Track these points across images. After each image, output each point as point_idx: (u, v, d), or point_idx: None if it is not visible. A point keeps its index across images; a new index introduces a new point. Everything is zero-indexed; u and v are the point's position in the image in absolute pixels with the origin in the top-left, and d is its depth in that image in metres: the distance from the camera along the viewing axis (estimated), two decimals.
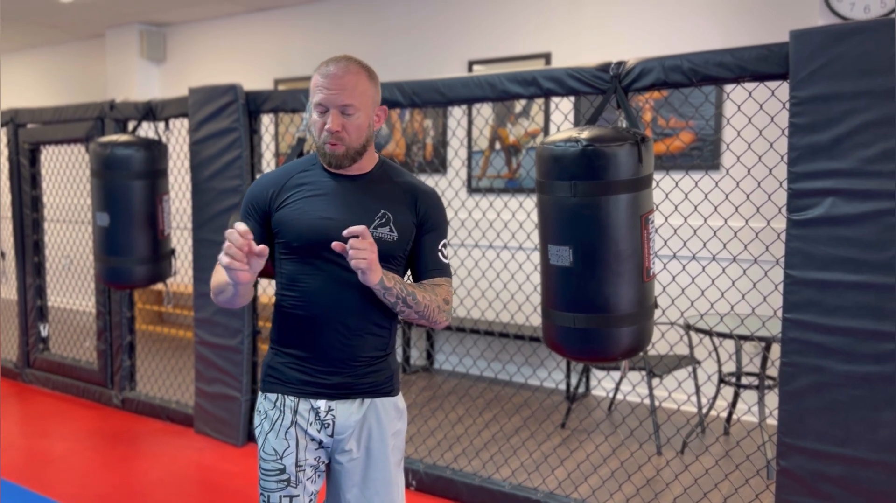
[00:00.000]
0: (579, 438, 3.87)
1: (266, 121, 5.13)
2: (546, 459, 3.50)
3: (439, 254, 1.80)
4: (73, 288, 6.66)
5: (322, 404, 1.73)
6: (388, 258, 1.72)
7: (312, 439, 1.75)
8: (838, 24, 2.31)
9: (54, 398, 4.68)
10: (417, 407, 4.33)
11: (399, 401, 1.84)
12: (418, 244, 1.78)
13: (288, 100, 3.53)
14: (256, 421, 1.81)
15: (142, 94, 6.54)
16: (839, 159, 2.26)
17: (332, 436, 1.75)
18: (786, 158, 2.37)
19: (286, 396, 1.75)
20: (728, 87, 3.87)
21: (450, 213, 4.87)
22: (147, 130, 4.35)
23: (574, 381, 4.58)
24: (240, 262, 1.51)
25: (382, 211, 1.73)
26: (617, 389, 4.16)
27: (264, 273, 2.00)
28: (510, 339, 4.59)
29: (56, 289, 6.41)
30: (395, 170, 1.82)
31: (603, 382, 4.63)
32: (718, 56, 2.47)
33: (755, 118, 3.18)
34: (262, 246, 1.52)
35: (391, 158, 5.36)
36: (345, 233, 1.55)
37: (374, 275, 1.59)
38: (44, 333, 4.98)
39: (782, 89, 2.54)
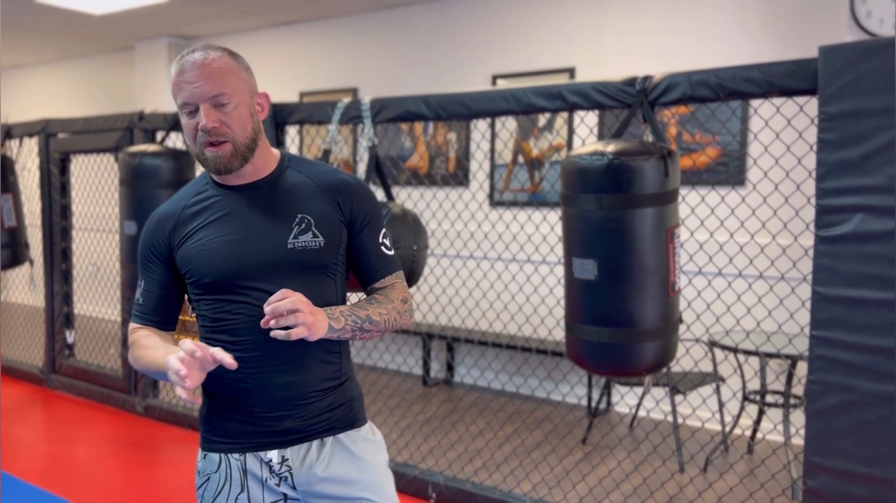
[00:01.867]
0: (601, 454, 3.84)
1: (292, 133, 5.18)
2: (567, 474, 3.48)
3: (382, 248, 1.56)
4: (99, 295, 6.74)
5: (274, 455, 1.49)
6: (319, 269, 1.48)
7: (273, 501, 1.50)
8: (868, 40, 2.29)
9: (78, 404, 4.74)
10: (438, 419, 4.33)
11: (368, 431, 1.58)
12: (356, 244, 1.54)
13: (314, 112, 3.57)
14: (198, 481, 1.54)
15: (169, 105, 6.63)
16: (868, 176, 2.24)
17: (294, 488, 1.50)
18: (814, 174, 2.35)
19: (230, 455, 1.50)
20: (755, 103, 3.85)
21: (472, 227, 4.88)
22: (175, 141, 4.41)
23: (595, 396, 4.55)
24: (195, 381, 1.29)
25: (299, 215, 1.47)
26: (639, 405, 4.12)
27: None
28: (532, 354, 4.57)
29: (83, 296, 6.49)
30: (303, 163, 1.55)
31: (625, 398, 4.59)
32: (746, 71, 2.47)
33: (782, 134, 3.16)
34: (231, 363, 1.30)
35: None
36: (266, 309, 1.31)
37: (321, 329, 1.37)
38: (70, 340, 5.04)
39: (810, 105, 2.52)
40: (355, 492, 1.51)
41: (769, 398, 3.86)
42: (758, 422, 3.82)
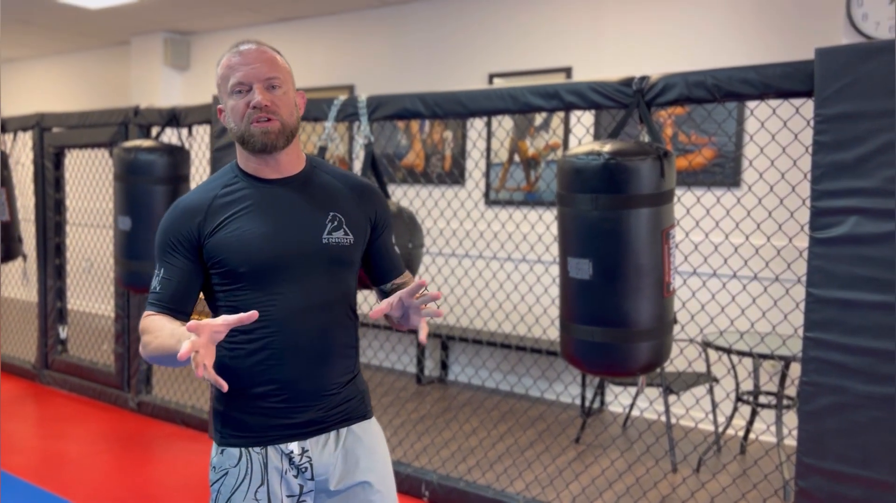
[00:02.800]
0: (594, 453, 3.85)
1: None
2: (560, 474, 3.48)
3: (395, 248, 1.67)
4: (92, 291, 6.72)
5: (295, 447, 1.51)
6: (347, 265, 1.54)
7: (289, 495, 1.52)
8: (864, 43, 2.30)
9: (71, 400, 4.72)
10: (431, 418, 4.32)
11: (375, 424, 1.64)
12: (377, 245, 1.62)
13: (310, 109, 3.56)
14: (213, 476, 1.53)
15: (165, 100, 6.61)
16: (863, 178, 2.24)
17: (311, 478, 1.53)
18: (809, 176, 2.35)
19: (251, 449, 1.51)
20: (751, 104, 3.86)
21: (468, 225, 4.88)
22: (170, 136, 4.40)
23: (589, 396, 4.56)
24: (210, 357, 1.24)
25: (332, 213, 1.52)
26: (633, 405, 4.13)
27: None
28: (526, 353, 4.58)
29: (76, 292, 6.47)
30: (326, 165, 1.62)
31: (619, 398, 4.60)
32: (743, 72, 2.47)
33: (778, 135, 3.17)
34: (252, 312, 1.29)
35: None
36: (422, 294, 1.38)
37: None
38: (63, 335, 5.03)
39: (807, 107, 2.53)
40: (361, 477, 1.55)
41: (762, 399, 3.87)
42: (751, 422, 3.83)
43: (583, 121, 4.55)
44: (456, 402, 4.67)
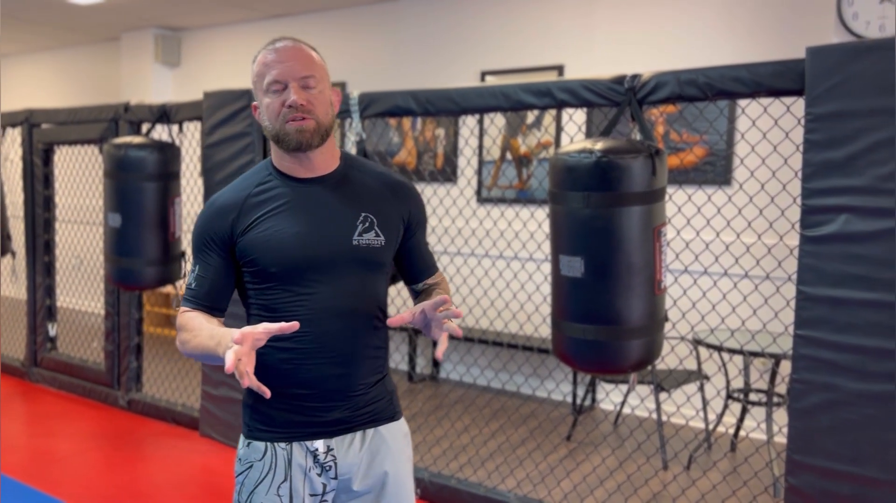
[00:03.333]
0: (585, 451, 3.85)
1: None
2: (552, 471, 3.49)
3: (428, 247, 1.67)
4: (82, 288, 6.68)
5: (320, 445, 1.53)
6: (378, 266, 1.54)
7: (312, 494, 1.53)
8: (855, 42, 2.30)
9: (60, 398, 4.69)
10: (423, 415, 4.32)
11: (404, 425, 1.65)
12: (410, 244, 1.62)
13: None
14: (238, 468, 1.56)
15: (156, 97, 6.58)
16: (854, 176, 2.25)
17: (335, 478, 1.54)
18: (800, 174, 2.36)
19: (276, 444, 1.52)
20: (742, 103, 3.87)
21: (460, 223, 4.87)
22: (161, 133, 4.38)
23: (581, 393, 4.57)
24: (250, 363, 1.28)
25: (363, 214, 1.52)
26: (624, 402, 4.14)
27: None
28: (518, 350, 4.58)
29: (65, 289, 6.43)
30: (361, 162, 1.61)
31: (610, 395, 4.61)
32: (734, 71, 2.47)
33: (769, 134, 3.18)
34: (293, 323, 1.32)
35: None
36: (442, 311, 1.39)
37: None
38: (52, 333, 5.00)
39: (797, 105, 2.53)
40: (382, 479, 1.57)
41: (753, 396, 3.88)
42: (741, 420, 3.85)
43: (575, 119, 4.56)
44: (447, 400, 4.67)
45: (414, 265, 1.65)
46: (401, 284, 1.92)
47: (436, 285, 1.66)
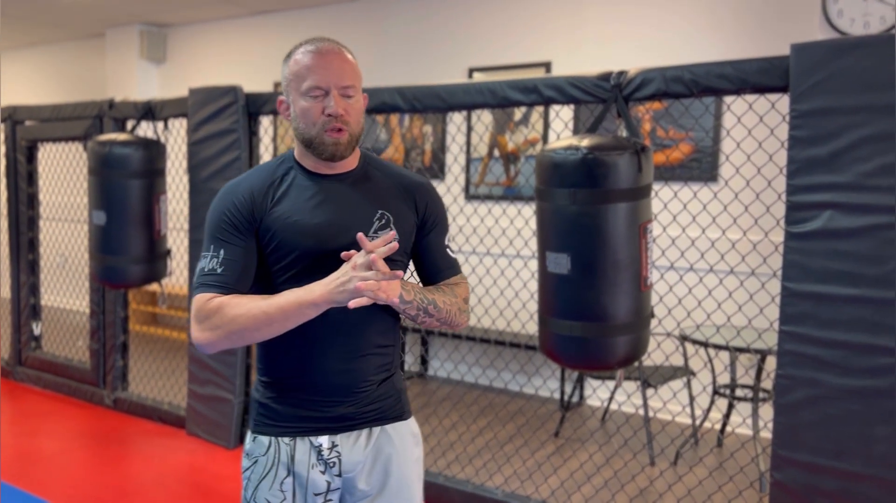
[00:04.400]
0: (573, 447, 3.86)
1: (266, 123, 5.12)
2: (539, 468, 3.49)
3: (447, 250, 1.63)
4: (67, 287, 6.63)
5: (324, 441, 1.52)
6: (390, 263, 1.51)
7: (316, 492, 1.52)
8: (839, 39, 2.32)
9: (45, 397, 4.66)
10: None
11: (413, 424, 1.63)
12: (424, 244, 1.61)
13: None
14: (245, 464, 1.56)
15: (141, 94, 6.53)
16: (838, 173, 2.26)
17: (339, 475, 1.54)
18: (785, 171, 2.37)
19: (280, 439, 1.52)
20: (728, 99, 3.88)
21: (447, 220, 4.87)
22: (146, 130, 4.34)
23: (568, 390, 4.57)
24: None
25: (380, 211, 1.54)
26: (611, 399, 4.15)
27: None
28: (505, 347, 4.58)
29: (50, 287, 6.38)
30: (380, 163, 1.62)
31: (598, 392, 4.62)
32: (720, 68, 2.48)
33: (755, 130, 3.19)
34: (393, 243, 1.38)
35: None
36: (366, 246, 1.38)
37: (393, 293, 1.42)
38: (36, 332, 4.96)
39: (782, 102, 2.55)
40: (385, 477, 1.55)
41: (739, 392, 3.90)
42: (727, 416, 3.87)
43: (562, 115, 4.56)
44: (436, 397, 4.67)
45: (430, 265, 1.63)
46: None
47: (444, 284, 1.62)
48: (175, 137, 4.44)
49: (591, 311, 2.43)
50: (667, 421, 4.06)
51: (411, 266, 1.67)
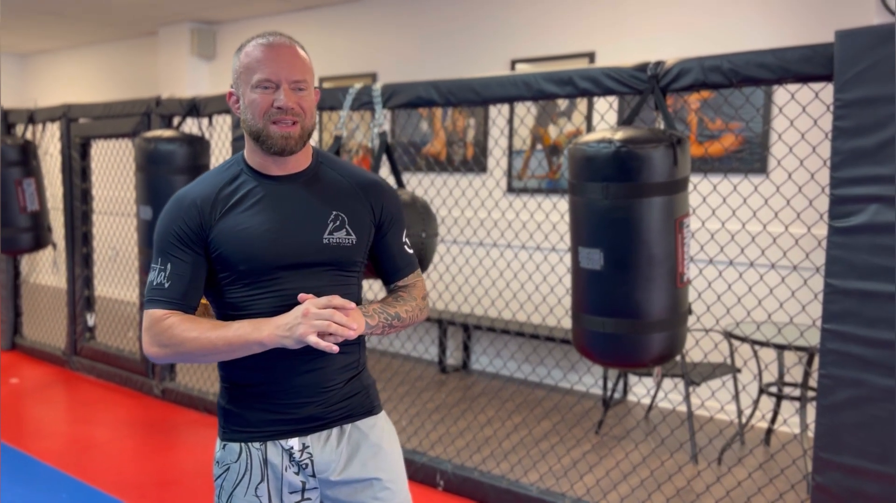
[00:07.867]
0: (610, 445, 3.81)
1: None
2: (575, 465, 3.46)
3: (405, 247, 1.63)
4: (118, 278, 6.84)
5: (295, 443, 1.50)
6: (348, 265, 1.53)
7: (292, 491, 1.52)
8: (886, 25, 2.21)
9: (98, 386, 4.81)
10: (447, 407, 4.32)
11: (384, 418, 1.62)
12: (382, 244, 1.60)
13: (326, 98, 3.55)
14: (216, 471, 1.54)
15: (192, 90, 6.67)
16: (884, 165, 2.16)
17: (313, 475, 1.52)
18: (829, 163, 2.28)
19: (251, 444, 1.50)
20: (775, 89, 3.76)
21: (486, 213, 4.85)
22: (192, 126, 4.43)
23: (611, 386, 4.51)
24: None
25: (334, 212, 1.51)
26: (655, 396, 4.08)
27: None
28: (541, 341, 4.54)
29: (103, 279, 6.59)
30: (333, 161, 1.59)
31: (638, 388, 4.54)
32: (760, 56, 2.40)
33: (798, 121, 3.08)
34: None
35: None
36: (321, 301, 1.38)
37: (361, 328, 1.42)
38: (90, 322, 5.12)
39: (827, 91, 2.45)
40: (369, 474, 1.54)
41: (786, 390, 3.79)
42: (775, 414, 3.75)
43: (605, 107, 4.48)
44: (472, 392, 4.66)
45: (387, 264, 1.62)
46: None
47: (401, 289, 1.63)
48: (219, 133, 4.52)
49: (624, 308, 2.39)
50: (706, 418, 3.97)
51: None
